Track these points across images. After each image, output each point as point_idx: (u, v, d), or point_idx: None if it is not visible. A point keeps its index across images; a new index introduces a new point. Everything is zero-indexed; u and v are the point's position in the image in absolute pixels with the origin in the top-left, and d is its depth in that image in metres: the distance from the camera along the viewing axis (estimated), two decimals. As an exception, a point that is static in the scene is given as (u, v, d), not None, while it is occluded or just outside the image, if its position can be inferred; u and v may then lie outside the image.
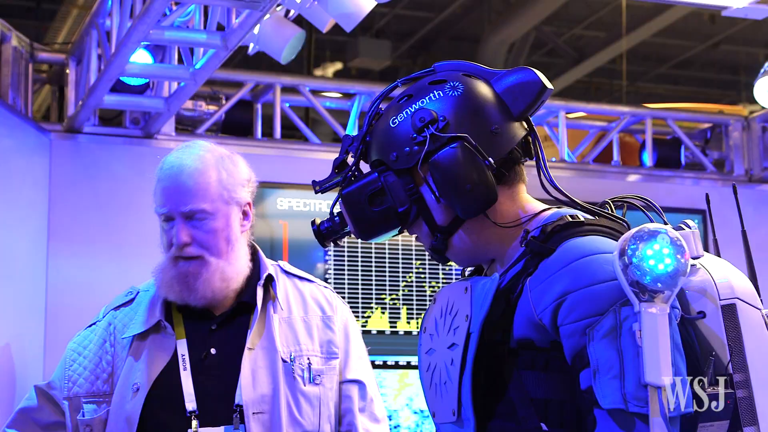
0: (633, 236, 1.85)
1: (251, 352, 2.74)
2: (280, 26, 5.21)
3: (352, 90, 6.68)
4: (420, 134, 2.05)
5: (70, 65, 5.95)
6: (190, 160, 2.82)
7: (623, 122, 7.07)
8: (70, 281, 5.57)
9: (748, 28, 10.26)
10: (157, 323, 2.80)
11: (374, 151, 2.13)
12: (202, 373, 2.75)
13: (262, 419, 2.70)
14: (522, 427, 1.94)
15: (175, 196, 2.77)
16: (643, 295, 1.83)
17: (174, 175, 2.79)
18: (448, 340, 2.04)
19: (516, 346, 1.96)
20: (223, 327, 2.81)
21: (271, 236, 6.09)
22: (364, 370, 2.92)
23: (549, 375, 1.94)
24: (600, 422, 1.86)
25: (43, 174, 5.70)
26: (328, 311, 2.92)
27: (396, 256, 6.30)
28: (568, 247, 1.97)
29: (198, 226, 2.77)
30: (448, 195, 2.03)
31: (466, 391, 1.97)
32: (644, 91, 11.99)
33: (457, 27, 10.59)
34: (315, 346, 2.83)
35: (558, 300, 1.92)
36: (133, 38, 4.64)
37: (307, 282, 2.97)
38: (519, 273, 2.01)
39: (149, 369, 2.75)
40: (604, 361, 1.85)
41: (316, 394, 2.79)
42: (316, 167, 6.23)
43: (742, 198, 7.92)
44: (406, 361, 6.20)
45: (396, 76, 11.34)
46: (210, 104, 6.29)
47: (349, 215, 2.14)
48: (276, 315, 2.82)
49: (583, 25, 10.52)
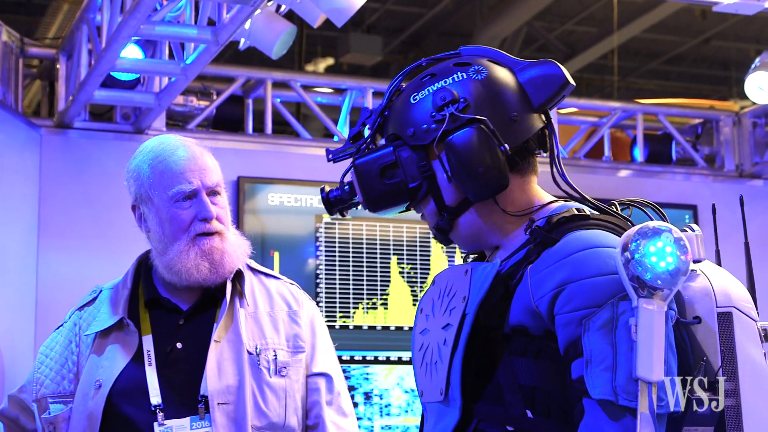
0: (637, 232, 1.86)
1: (217, 345, 2.75)
2: (271, 21, 5.21)
3: (344, 85, 6.68)
4: (439, 113, 2.07)
5: (61, 60, 5.93)
6: (189, 144, 2.87)
7: (614, 118, 7.08)
8: (60, 276, 5.57)
9: (739, 24, 10.27)
10: (119, 320, 2.80)
11: (391, 126, 2.14)
12: (168, 367, 2.75)
13: (227, 410, 2.70)
14: (508, 412, 1.95)
15: (199, 171, 2.80)
16: (642, 291, 1.83)
17: (189, 153, 2.83)
18: (443, 321, 2.05)
19: (510, 332, 1.97)
20: (190, 321, 2.82)
21: (263, 232, 6.08)
22: (331, 364, 2.92)
23: (540, 363, 1.95)
24: (588, 412, 1.86)
25: (33, 169, 5.69)
26: (294, 306, 2.92)
27: (387, 252, 6.30)
28: (571, 239, 1.98)
29: (216, 203, 2.82)
30: (460, 176, 2.04)
31: (455, 371, 1.98)
32: (635, 86, 12.00)
33: (448, 22, 10.59)
34: (281, 339, 2.84)
35: (557, 289, 1.93)
36: (124, 33, 4.63)
37: (273, 279, 2.99)
38: (520, 261, 2.02)
39: (112, 365, 2.75)
40: (597, 353, 1.86)
41: (282, 386, 2.79)
42: (308, 163, 6.29)
43: (732, 193, 7.98)
44: (397, 356, 6.21)
45: (387, 71, 11.33)
46: (201, 99, 6.29)
47: (360, 185, 2.13)
48: (242, 309, 2.83)
49: (574, 20, 10.52)
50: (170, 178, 2.78)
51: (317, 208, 6.21)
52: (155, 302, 2.84)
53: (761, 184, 7.34)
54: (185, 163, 2.80)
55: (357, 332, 6.19)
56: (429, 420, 2.10)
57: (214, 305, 2.83)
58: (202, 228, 2.77)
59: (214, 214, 2.79)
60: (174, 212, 2.78)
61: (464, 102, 2.06)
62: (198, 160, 2.82)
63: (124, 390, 2.73)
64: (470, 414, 1.98)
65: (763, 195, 7.28)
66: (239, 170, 6.12)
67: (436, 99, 2.08)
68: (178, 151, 2.82)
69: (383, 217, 6.30)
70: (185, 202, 2.77)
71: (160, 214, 2.79)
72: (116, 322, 2.80)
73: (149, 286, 2.87)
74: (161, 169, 2.79)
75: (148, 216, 2.83)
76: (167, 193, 2.77)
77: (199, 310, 2.84)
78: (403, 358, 6.22)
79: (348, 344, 6.14)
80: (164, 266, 2.80)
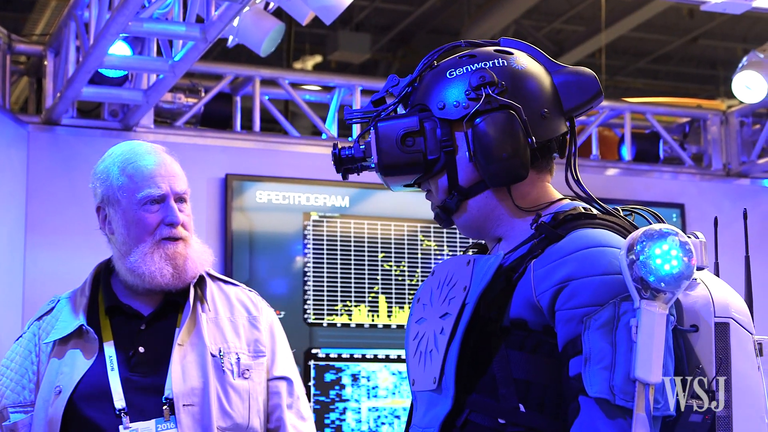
0: (643, 233, 1.86)
1: (181, 348, 2.78)
2: (260, 19, 5.20)
3: (332, 83, 6.68)
4: (476, 91, 2.07)
5: (48, 57, 5.92)
6: (159, 150, 2.90)
7: (602, 116, 7.09)
8: (47, 273, 5.56)
9: (727, 23, 10.29)
10: (79, 328, 2.82)
11: (419, 96, 2.14)
12: (131, 371, 2.77)
13: (192, 411, 2.72)
14: (500, 404, 1.95)
15: (169, 177, 2.83)
16: (645, 292, 1.83)
17: (160, 159, 2.86)
18: (441, 310, 2.05)
19: (509, 325, 1.97)
20: (151, 326, 2.84)
21: (251, 229, 6.08)
22: (290, 368, 2.96)
23: (536, 358, 1.95)
24: (584, 409, 1.87)
25: (20, 166, 5.68)
26: (254, 312, 2.96)
27: (375, 251, 6.30)
28: (577, 236, 1.99)
29: (182, 210, 2.84)
30: (483, 156, 2.05)
31: (451, 360, 1.98)
32: (623, 85, 12.01)
33: (436, 20, 10.58)
34: (242, 344, 2.87)
35: (560, 285, 1.93)
36: (112, 30, 4.62)
37: (232, 285, 3.02)
38: (524, 255, 2.02)
39: (72, 371, 2.77)
40: (596, 351, 1.86)
41: (246, 388, 2.82)
42: (296, 160, 6.29)
43: (719, 192, 7.94)
44: (385, 354, 6.21)
45: (376, 69, 11.32)
46: (189, 97, 6.28)
47: (378, 147, 2.11)
48: (204, 314, 2.86)
49: (562, 19, 10.52)
50: (140, 181, 2.81)
51: (305, 205, 6.20)
52: (116, 309, 2.86)
53: (748, 183, 7.36)
54: (155, 168, 2.83)
55: (345, 330, 6.20)
56: (419, 409, 2.11)
57: (175, 310, 2.86)
58: (168, 232, 2.80)
59: (181, 220, 2.82)
60: (141, 215, 2.80)
61: (501, 86, 2.08)
62: (168, 166, 2.85)
63: (86, 395, 2.74)
64: (462, 404, 1.98)
65: (750, 194, 7.31)
66: (227, 167, 6.12)
67: (473, 78, 2.08)
68: (148, 156, 2.85)
69: (372, 215, 6.30)
70: (153, 206, 2.80)
71: (126, 216, 2.81)
72: (76, 329, 2.82)
73: (109, 293, 2.88)
74: (131, 173, 2.82)
75: (113, 218, 2.85)
76: (136, 196, 2.80)
77: (160, 316, 2.86)
78: (391, 356, 6.22)
79: (336, 342, 6.15)
80: (127, 269, 2.82)
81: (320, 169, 6.28)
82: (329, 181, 6.23)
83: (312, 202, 6.22)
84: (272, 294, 5.99)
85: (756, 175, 7.38)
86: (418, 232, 6.39)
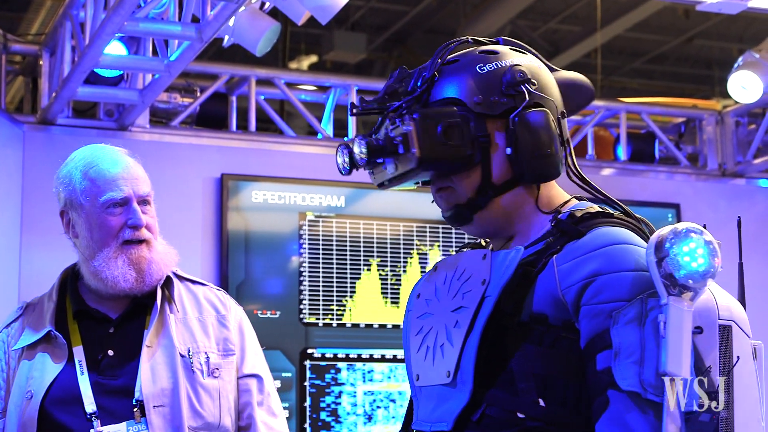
0: (671, 231, 1.89)
1: (150, 350, 2.78)
2: (256, 18, 5.20)
3: (328, 83, 6.68)
4: (513, 88, 2.07)
5: (44, 56, 5.92)
6: (121, 153, 2.89)
7: (598, 116, 7.10)
8: (43, 273, 5.53)
9: (722, 23, 10.29)
10: (47, 333, 2.82)
11: (444, 90, 2.09)
12: (101, 375, 2.78)
13: (163, 412, 2.73)
14: (519, 399, 1.95)
15: (131, 180, 2.82)
16: (673, 289, 1.87)
17: (123, 162, 2.85)
18: (454, 304, 2.04)
19: (528, 320, 1.97)
20: (120, 329, 2.85)
21: (246, 229, 6.08)
22: (260, 365, 2.96)
23: (555, 353, 1.96)
24: (613, 403, 1.88)
25: (16, 166, 5.67)
26: (222, 311, 2.95)
27: (370, 250, 6.30)
28: (601, 233, 2.01)
29: (145, 212, 2.84)
30: (525, 153, 2.05)
31: (470, 353, 1.97)
32: (618, 85, 12.01)
33: (432, 20, 10.58)
34: (212, 343, 2.88)
35: (587, 279, 1.94)
36: (108, 30, 4.62)
37: (200, 285, 3.01)
38: (541, 250, 2.03)
39: (42, 376, 2.77)
40: (626, 346, 1.88)
41: (216, 387, 2.82)
42: (292, 160, 6.29)
43: (715, 192, 7.95)
44: (380, 354, 6.21)
45: (371, 69, 11.32)
46: (185, 96, 6.28)
47: (421, 138, 2.03)
48: (172, 315, 2.87)
49: (557, 19, 10.52)
50: (102, 185, 2.81)
51: (301, 205, 6.20)
52: (84, 313, 2.86)
53: (744, 183, 7.37)
54: (117, 171, 2.82)
55: (340, 330, 6.20)
56: (426, 404, 2.09)
57: (143, 313, 2.86)
58: (131, 235, 2.80)
59: (144, 222, 2.81)
60: (104, 218, 2.80)
61: (535, 84, 2.08)
62: (130, 169, 2.85)
63: (57, 399, 2.75)
64: (478, 398, 1.98)
65: (746, 194, 7.31)
66: (223, 167, 6.12)
67: (510, 74, 2.07)
68: (110, 160, 2.85)
69: (367, 215, 6.30)
70: (116, 209, 2.80)
71: (90, 219, 2.82)
72: (44, 335, 2.82)
73: (76, 298, 2.88)
74: (93, 176, 2.82)
75: (77, 222, 2.85)
76: (99, 199, 2.80)
77: (128, 318, 2.86)
78: (387, 356, 6.22)
79: (331, 342, 6.15)
80: (91, 273, 2.83)
81: (316, 169, 6.28)
82: (325, 180, 6.23)
83: (308, 202, 6.22)
84: (268, 294, 5.99)
85: (751, 175, 7.38)
86: (413, 232, 6.39)
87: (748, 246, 2.10)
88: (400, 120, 2.06)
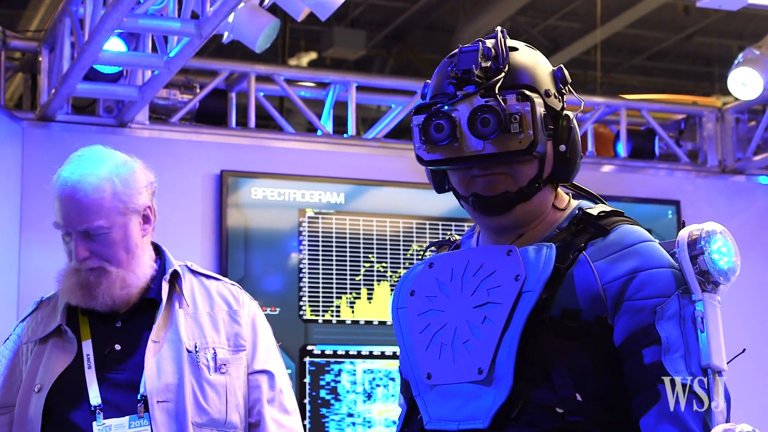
0: (704, 230, 1.97)
1: (156, 345, 2.79)
2: (255, 15, 5.20)
3: (327, 79, 6.67)
4: (564, 86, 2.12)
5: (43, 53, 5.91)
6: (85, 175, 2.83)
7: (598, 113, 7.09)
8: (42, 270, 5.52)
9: (722, 20, 10.29)
10: (57, 327, 2.84)
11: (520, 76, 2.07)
12: (107, 369, 2.79)
13: (167, 407, 2.73)
14: (557, 394, 1.95)
15: (71, 214, 2.80)
16: (708, 285, 1.95)
17: (69, 193, 2.81)
18: (476, 300, 2.03)
19: (559, 315, 1.98)
20: (128, 323, 2.86)
21: (246, 226, 6.07)
22: (272, 361, 2.93)
23: (587, 348, 1.97)
24: (665, 396, 1.91)
25: (15, 163, 5.66)
26: (234, 306, 2.94)
27: (371, 246, 6.30)
28: (625, 231, 2.05)
29: (97, 240, 2.81)
30: (575, 153, 2.11)
31: (510, 350, 1.96)
32: (618, 82, 12.00)
33: (432, 17, 10.57)
34: (221, 338, 2.87)
35: (628, 275, 1.98)
36: (107, 26, 4.61)
37: (214, 280, 3.00)
38: (564, 246, 2.03)
39: (51, 370, 2.79)
40: (673, 340, 1.93)
41: (222, 383, 2.81)
42: (291, 157, 6.28)
43: (715, 189, 7.95)
44: (380, 351, 6.21)
45: (370, 66, 11.32)
46: (184, 93, 6.27)
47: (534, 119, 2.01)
48: (181, 310, 2.86)
49: (557, 15, 10.51)
50: (56, 211, 2.84)
51: (300, 202, 6.20)
52: (93, 309, 2.86)
53: (744, 180, 7.36)
54: (60, 204, 2.82)
55: (340, 327, 6.19)
56: (444, 402, 2.05)
57: (152, 308, 2.87)
58: (77, 265, 2.82)
59: (84, 256, 2.80)
60: (63, 240, 2.87)
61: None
62: (81, 200, 2.80)
63: (63, 393, 2.76)
64: (514, 395, 1.96)
65: (746, 191, 7.31)
66: (222, 164, 6.11)
67: (561, 74, 2.12)
68: (64, 185, 2.83)
69: (367, 212, 6.30)
70: (64, 235, 2.85)
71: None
72: (54, 329, 2.84)
73: None
74: (54, 199, 2.86)
75: None
76: (55, 224, 2.86)
77: (136, 314, 2.87)
78: (386, 353, 6.22)
79: (332, 339, 6.14)
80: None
81: (316, 166, 6.27)
82: (325, 177, 6.23)
83: (307, 199, 6.22)
84: (267, 290, 5.98)
85: (751, 172, 7.37)
86: (413, 229, 6.39)
87: (748, 243, 2.11)
88: (495, 101, 2.01)
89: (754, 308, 6.60)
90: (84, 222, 2.79)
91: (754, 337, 6.09)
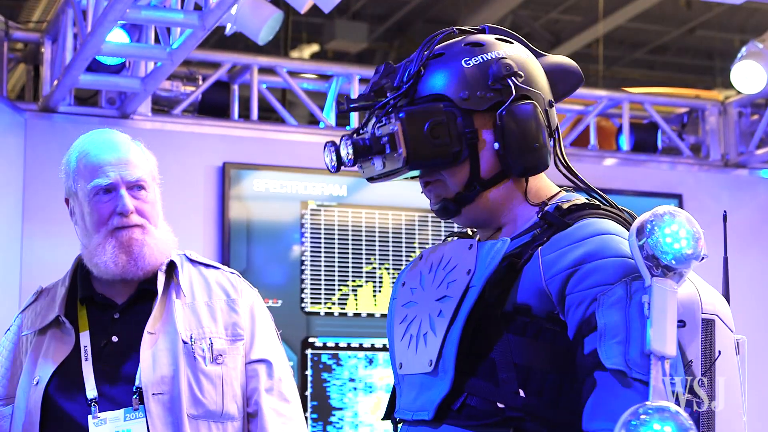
0: (652, 214, 1.89)
1: (151, 336, 2.77)
2: (258, 7, 5.20)
3: (329, 72, 6.67)
4: (500, 82, 2.06)
5: (46, 44, 5.91)
6: (119, 138, 2.87)
7: (600, 106, 7.09)
8: (44, 262, 5.55)
9: (724, 14, 10.28)
10: (55, 318, 2.83)
11: (430, 85, 2.09)
12: (104, 361, 2.78)
13: (162, 400, 2.72)
14: (500, 389, 1.95)
15: (119, 166, 2.80)
16: (656, 270, 1.86)
17: (113, 148, 2.83)
18: (438, 293, 2.04)
19: (511, 311, 1.97)
20: (125, 315, 2.84)
21: (248, 218, 6.07)
22: (271, 350, 2.91)
23: (537, 344, 1.95)
24: (600, 383, 1.87)
25: (18, 154, 5.67)
26: (233, 295, 2.92)
27: (373, 239, 6.30)
28: (586, 224, 2.01)
29: (138, 197, 2.81)
30: (513, 147, 2.04)
31: (452, 342, 1.97)
32: (620, 75, 11.99)
33: (434, 10, 10.56)
34: (219, 328, 2.84)
35: (571, 269, 1.95)
36: (110, 17, 4.61)
37: (213, 269, 2.98)
38: (527, 242, 2.03)
39: (49, 362, 2.78)
40: (611, 326, 1.88)
41: (218, 374, 2.79)
42: (293, 149, 6.29)
43: (717, 182, 7.94)
44: (382, 344, 6.21)
45: (373, 58, 11.30)
46: (187, 85, 6.27)
47: (408, 137, 2.03)
48: (178, 300, 2.84)
49: (559, 9, 10.50)
50: (91, 171, 2.80)
51: (303, 194, 6.20)
52: (90, 299, 2.86)
53: (746, 173, 7.36)
54: (105, 158, 2.81)
55: (342, 319, 6.19)
56: (408, 392, 2.09)
57: (150, 299, 2.85)
58: (120, 222, 2.79)
59: (131, 209, 2.79)
60: (94, 206, 2.80)
61: (521, 76, 2.07)
62: (120, 154, 2.82)
63: (60, 385, 2.76)
64: (459, 387, 1.98)
65: (748, 185, 7.31)
66: (225, 156, 6.11)
67: (496, 67, 2.06)
68: (102, 146, 2.83)
69: (369, 205, 6.30)
70: (104, 195, 2.80)
71: (83, 207, 2.82)
72: (52, 320, 2.83)
73: (85, 284, 2.88)
74: (84, 163, 2.82)
75: (75, 209, 2.87)
76: (87, 187, 2.80)
77: (134, 304, 2.85)
78: (387, 345, 6.21)
79: (334, 331, 6.15)
80: (87, 259, 2.84)
81: (318, 158, 6.20)
82: (327, 169, 6.21)
83: (309, 191, 6.22)
84: (269, 283, 5.98)
85: (754, 166, 7.37)
86: (416, 222, 6.39)
87: (751, 236, 2.11)
88: (386, 118, 2.06)
89: (757, 301, 6.60)
90: (135, 173, 2.81)
91: (756, 330, 6.09)
